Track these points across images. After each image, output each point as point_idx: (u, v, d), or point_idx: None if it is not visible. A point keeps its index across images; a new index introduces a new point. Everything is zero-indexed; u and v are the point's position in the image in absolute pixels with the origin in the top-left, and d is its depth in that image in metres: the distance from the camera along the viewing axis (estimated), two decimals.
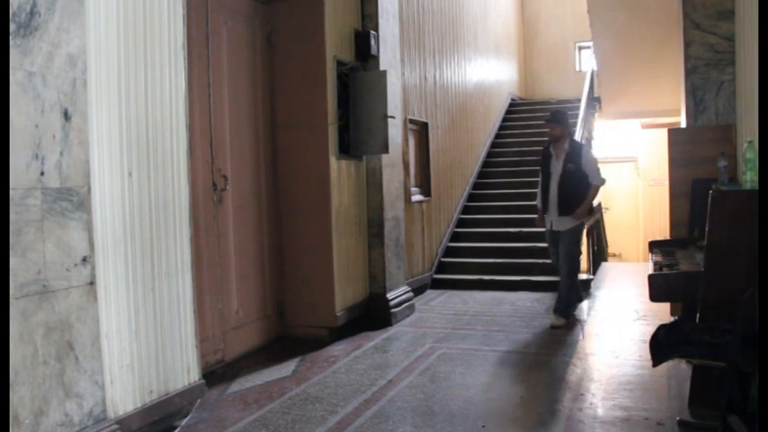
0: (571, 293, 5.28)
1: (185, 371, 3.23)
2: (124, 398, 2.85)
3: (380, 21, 5.42)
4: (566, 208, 5.14)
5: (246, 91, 4.53)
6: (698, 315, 2.93)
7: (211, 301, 4.06)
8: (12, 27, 2.29)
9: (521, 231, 7.73)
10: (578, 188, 5.14)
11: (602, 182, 5.21)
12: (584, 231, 5.29)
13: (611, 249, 12.38)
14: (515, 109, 11.80)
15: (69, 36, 2.53)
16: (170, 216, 3.16)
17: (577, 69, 13.64)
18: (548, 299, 6.27)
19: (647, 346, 2.89)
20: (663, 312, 5.20)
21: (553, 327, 5.08)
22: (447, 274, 7.28)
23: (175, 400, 3.15)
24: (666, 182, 4.95)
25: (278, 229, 4.87)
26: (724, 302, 2.76)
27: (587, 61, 12.64)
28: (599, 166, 5.21)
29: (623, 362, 4.15)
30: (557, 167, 5.22)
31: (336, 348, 4.64)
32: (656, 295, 3.36)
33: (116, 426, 2.69)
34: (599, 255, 9.38)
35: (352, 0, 5.28)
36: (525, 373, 4.00)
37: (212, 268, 4.08)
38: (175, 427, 3.18)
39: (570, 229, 5.19)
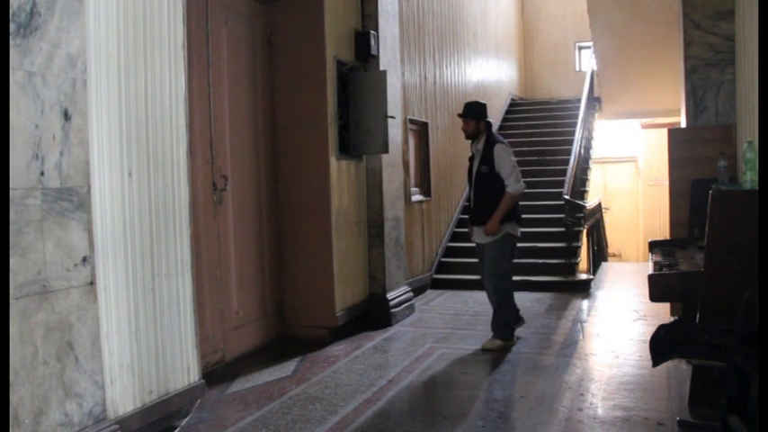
0: (503, 313, 4.53)
1: (185, 371, 3.23)
2: (124, 398, 2.85)
3: (380, 21, 5.42)
4: (479, 217, 4.48)
5: (246, 91, 4.53)
6: (698, 315, 2.93)
7: (211, 301, 4.06)
8: (12, 27, 2.28)
9: (520, 231, 7.71)
10: (494, 195, 4.39)
11: (519, 188, 4.40)
12: (514, 243, 4.56)
13: (611, 249, 12.39)
14: (515, 109, 11.80)
15: (69, 36, 2.53)
16: (170, 216, 3.16)
17: (577, 69, 13.64)
18: (548, 299, 6.28)
19: (647, 346, 2.89)
20: (663, 312, 5.20)
21: (484, 349, 4.46)
22: (447, 274, 7.28)
23: (175, 400, 3.15)
24: (666, 182, 4.96)
25: (278, 229, 4.87)
26: (724, 302, 2.77)
27: (587, 61, 12.64)
28: (516, 166, 4.45)
29: (623, 362, 4.15)
30: (474, 170, 4.56)
31: (336, 348, 4.64)
32: (655, 295, 3.37)
33: (116, 426, 2.69)
34: (599, 255, 9.38)
35: (352, 0, 5.28)
36: (525, 373, 4.00)
37: (212, 268, 4.08)
38: (175, 427, 3.18)
39: (494, 242, 4.46)
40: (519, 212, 4.53)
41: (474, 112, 4.54)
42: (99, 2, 2.74)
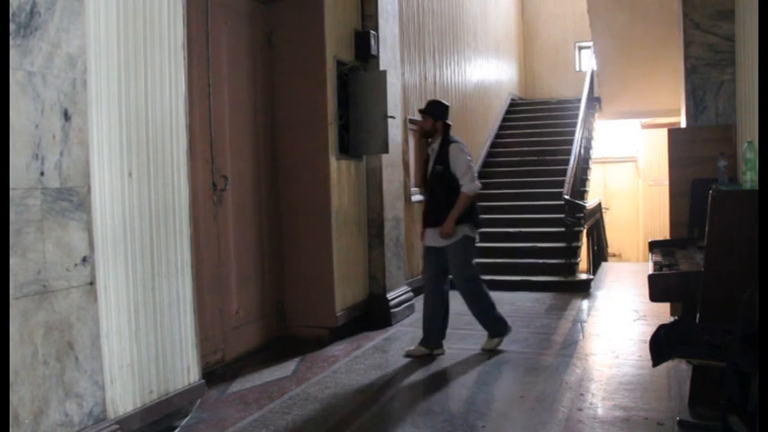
0: (486, 311, 4.44)
1: (185, 371, 3.23)
2: (124, 398, 2.84)
3: (380, 21, 5.42)
4: (432, 219, 4.33)
5: (246, 91, 4.53)
6: (698, 315, 2.93)
7: (211, 301, 4.06)
8: (12, 27, 2.28)
9: (520, 231, 7.74)
10: (449, 196, 4.22)
11: (474, 188, 4.23)
12: (473, 246, 4.38)
13: (611, 249, 12.39)
14: (515, 109, 11.80)
15: (69, 36, 2.52)
16: (170, 216, 3.16)
17: (577, 69, 13.65)
18: (548, 299, 6.27)
19: (647, 346, 2.89)
20: (663, 312, 5.20)
21: (483, 350, 4.42)
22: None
23: (175, 400, 3.15)
24: (666, 182, 4.96)
25: (278, 229, 4.87)
26: (724, 302, 2.77)
27: (587, 61, 12.64)
28: (472, 166, 4.28)
29: (623, 362, 4.15)
30: (429, 171, 4.42)
31: (336, 348, 4.64)
32: (655, 295, 3.37)
33: (116, 426, 2.69)
34: (599, 255, 9.39)
35: (352, 0, 5.28)
36: (525, 373, 4.00)
37: (212, 268, 4.08)
38: (175, 427, 3.18)
39: (453, 247, 4.28)
40: (476, 214, 4.36)
41: (433, 110, 4.42)
42: (99, 2, 2.74)
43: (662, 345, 2.72)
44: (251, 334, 4.50)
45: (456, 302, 6.17)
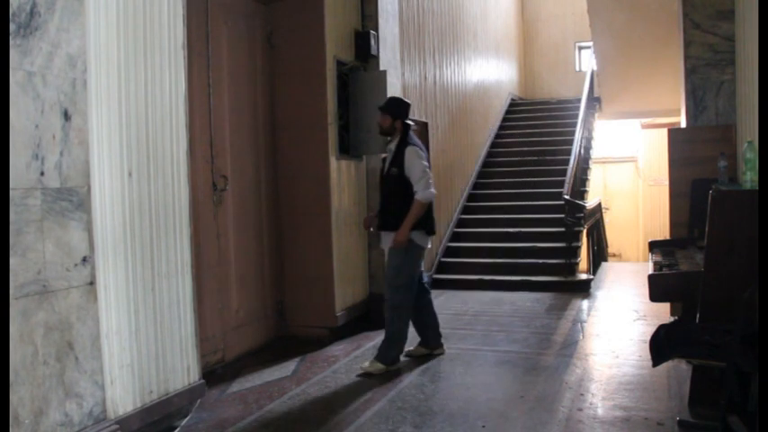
0: (393, 330, 4.09)
1: (185, 371, 3.23)
2: (124, 398, 2.84)
3: (380, 21, 5.42)
4: (385, 222, 4.15)
5: (246, 91, 4.53)
6: (698, 315, 2.93)
7: (211, 301, 4.06)
8: (12, 27, 2.28)
9: (520, 231, 7.74)
10: (402, 200, 4.03)
11: (428, 196, 4.01)
12: (419, 254, 4.16)
13: (611, 249, 12.39)
14: (515, 109, 11.80)
15: (69, 36, 2.52)
16: (170, 216, 3.16)
17: (577, 69, 13.65)
18: (548, 299, 6.27)
19: (647, 346, 2.89)
20: (663, 312, 5.20)
21: (362, 370, 4.01)
22: (447, 273, 7.28)
23: (175, 400, 3.15)
24: (666, 182, 4.96)
25: (278, 229, 4.87)
26: (724, 302, 2.77)
27: (587, 61, 12.64)
28: (428, 172, 4.04)
29: (623, 362, 4.15)
30: (384, 172, 4.24)
31: (336, 348, 4.64)
32: (655, 295, 3.37)
33: (116, 426, 2.69)
34: (599, 255, 9.39)
35: (352, 0, 5.28)
36: (525, 373, 4.00)
37: (212, 268, 4.08)
38: (175, 427, 3.18)
39: (396, 249, 4.08)
40: (431, 222, 4.14)
41: (392, 107, 4.17)
42: (99, 2, 2.74)
43: (662, 345, 2.72)
44: (251, 334, 4.50)
45: (456, 302, 6.14)
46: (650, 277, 3.36)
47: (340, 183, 4.97)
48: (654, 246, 4.39)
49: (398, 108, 4.18)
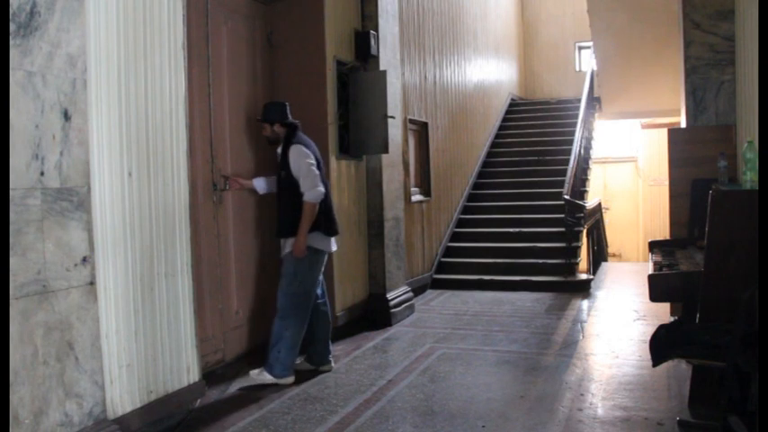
0: (283, 342, 3.82)
1: (185, 371, 3.23)
2: (124, 398, 2.84)
3: (380, 21, 5.42)
4: (280, 228, 3.92)
5: (246, 91, 4.53)
6: (698, 315, 2.93)
7: (211, 301, 4.06)
8: (12, 27, 2.29)
9: (521, 231, 7.74)
10: (293, 203, 3.81)
11: (316, 195, 3.77)
12: (317, 259, 3.91)
13: (611, 249, 12.39)
14: (515, 109, 11.81)
15: (69, 36, 2.53)
16: (170, 216, 3.16)
17: (577, 69, 13.64)
18: (548, 299, 6.28)
19: (647, 346, 2.89)
20: (663, 312, 5.20)
21: (252, 377, 3.83)
22: (447, 274, 7.28)
23: (175, 400, 3.15)
24: (666, 182, 4.96)
25: None
26: (724, 302, 2.77)
27: (587, 61, 12.64)
28: (313, 170, 3.79)
29: (623, 362, 4.15)
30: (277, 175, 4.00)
31: (336, 348, 4.64)
32: (655, 295, 3.37)
33: (116, 426, 2.69)
34: (599, 255, 9.39)
35: (352, 0, 5.28)
36: (525, 373, 4.00)
37: (212, 268, 4.08)
38: (175, 427, 3.18)
39: (289, 254, 3.85)
40: (330, 221, 3.92)
41: (264, 114, 3.96)
42: (99, 2, 2.74)
43: (662, 345, 2.72)
44: (251, 334, 4.50)
45: (456, 302, 6.14)
46: (650, 277, 3.36)
47: (340, 183, 4.97)
48: (654, 246, 4.38)
49: (272, 112, 3.94)
